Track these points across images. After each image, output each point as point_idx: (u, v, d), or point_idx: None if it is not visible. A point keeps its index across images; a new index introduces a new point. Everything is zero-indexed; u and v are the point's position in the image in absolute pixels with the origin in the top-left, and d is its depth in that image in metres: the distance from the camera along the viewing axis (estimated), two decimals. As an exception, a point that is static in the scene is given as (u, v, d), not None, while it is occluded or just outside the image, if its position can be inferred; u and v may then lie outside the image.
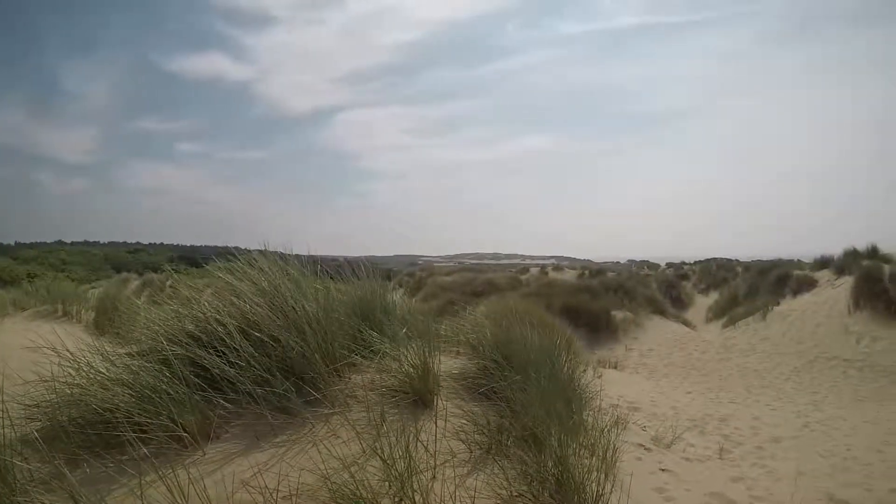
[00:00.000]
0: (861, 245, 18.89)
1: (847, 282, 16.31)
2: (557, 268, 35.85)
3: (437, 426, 3.34)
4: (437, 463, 2.99)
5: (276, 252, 4.20)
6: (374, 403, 3.36)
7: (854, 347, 13.52)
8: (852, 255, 18.66)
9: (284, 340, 3.43)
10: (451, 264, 56.03)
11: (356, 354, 3.71)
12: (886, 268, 15.89)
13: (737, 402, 10.58)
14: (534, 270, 33.76)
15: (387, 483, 2.69)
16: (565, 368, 4.63)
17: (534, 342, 4.37)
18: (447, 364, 4.12)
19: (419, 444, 3.05)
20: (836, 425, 8.79)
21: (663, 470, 4.95)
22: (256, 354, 3.34)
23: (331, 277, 4.36)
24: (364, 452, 2.91)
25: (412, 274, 34.13)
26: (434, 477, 2.90)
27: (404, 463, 2.70)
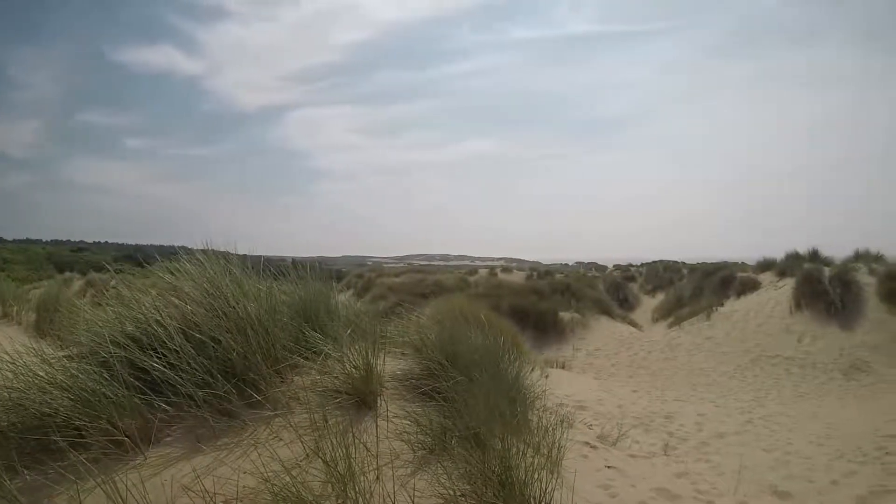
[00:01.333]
0: (802, 249, 19.56)
1: (789, 283, 16.85)
2: (506, 269, 35.95)
3: (377, 427, 3.34)
4: (380, 464, 3.00)
5: (219, 252, 4.14)
6: (316, 405, 3.34)
7: (795, 346, 13.96)
8: (794, 258, 19.29)
9: (225, 342, 3.38)
10: (401, 265, 55.80)
11: (299, 356, 3.67)
12: (826, 270, 16.51)
13: (682, 399, 10.81)
14: (482, 272, 33.84)
15: (329, 485, 2.69)
16: (510, 368, 4.65)
17: (478, 343, 4.40)
18: (391, 365, 4.12)
19: (361, 445, 3.05)
20: (779, 420, 9.07)
21: (609, 467, 5.01)
22: (197, 356, 3.28)
23: (274, 278, 4.32)
24: (306, 455, 2.90)
25: (361, 275, 33.81)
26: (378, 478, 2.91)
27: (345, 464, 2.70)
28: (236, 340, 3.42)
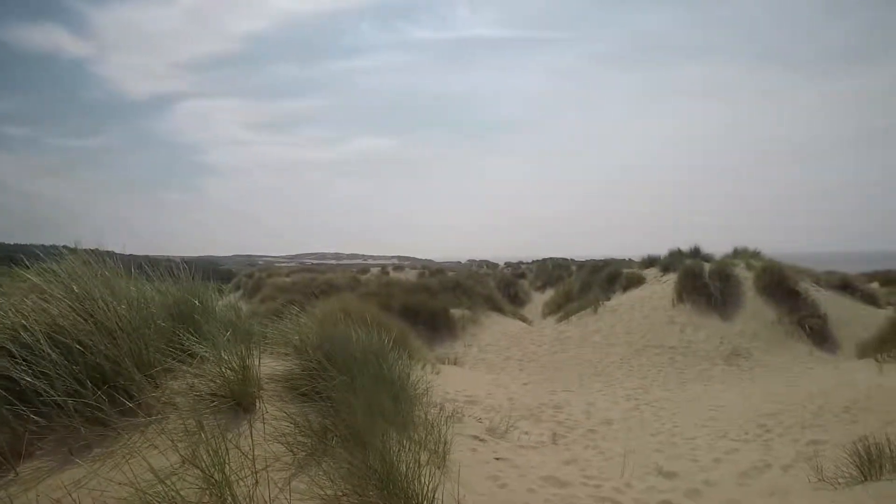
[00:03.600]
0: (685, 246, 20.69)
1: (672, 278, 17.85)
2: (398, 267, 36.08)
3: (252, 430, 3.32)
4: (259, 468, 2.98)
5: (91, 251, 3.97)
6: (191, 410, 3.28)
7: (678, 336, 14.76)
8: (677, 255, 20.39)
9: (93, 346, 3.25)
10: (292, 264, 54.75)
11: (173, 359, 3.58)
12: (706, 266, 17.59)
13: (571, 390, 11.17)
14: (375, 270, 33.82)
15: (206, 493, 2.65)
16: (395, 366, 4.69)
17: (360, 341, 4.41)
18: (271, 366, 4.10)
19: (238, 449, 3.01)
20: (664, 406, 9.58)
21: (498, 459, 5.14)
22: (65, 362, 3.13)
23: (147, 278, 4.17)
24: (183, 462, 2.84)
25: (251, 275, 32.91)
26: (257, 482, 2.89)
27: (220, 471, 2.67)
28: (105, 344, 3.29)
